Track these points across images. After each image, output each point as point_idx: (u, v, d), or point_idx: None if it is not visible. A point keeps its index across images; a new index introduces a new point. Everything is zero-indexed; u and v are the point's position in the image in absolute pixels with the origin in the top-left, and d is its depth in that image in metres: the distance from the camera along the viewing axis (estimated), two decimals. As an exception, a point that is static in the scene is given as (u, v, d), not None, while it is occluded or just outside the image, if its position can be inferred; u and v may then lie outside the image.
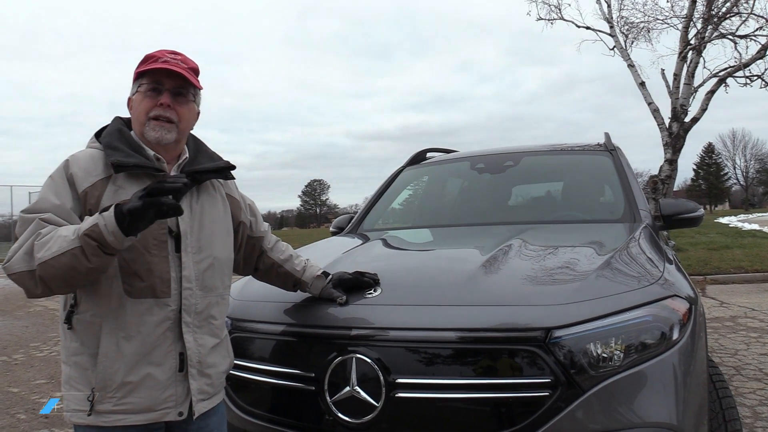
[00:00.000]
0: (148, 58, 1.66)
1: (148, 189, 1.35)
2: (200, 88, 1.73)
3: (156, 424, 1.57)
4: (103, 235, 1.36)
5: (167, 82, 1.65)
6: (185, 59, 1.69)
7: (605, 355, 1.68)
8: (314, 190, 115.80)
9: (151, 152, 1.64)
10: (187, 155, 1.74)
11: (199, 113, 1.76)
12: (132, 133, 1.69)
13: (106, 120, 1.75)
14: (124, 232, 1.36)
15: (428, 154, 4.39)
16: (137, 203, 1.34)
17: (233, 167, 1.83)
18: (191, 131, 1.78)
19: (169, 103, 1.64)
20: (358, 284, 2.03)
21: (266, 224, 2.02)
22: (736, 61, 12.63)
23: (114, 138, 1.63)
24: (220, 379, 1.75)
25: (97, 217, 1.38)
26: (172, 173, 1.68)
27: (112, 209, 1.37)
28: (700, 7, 12.79)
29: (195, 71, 1.71)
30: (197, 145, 1.81)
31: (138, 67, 1.67)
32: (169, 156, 1.69)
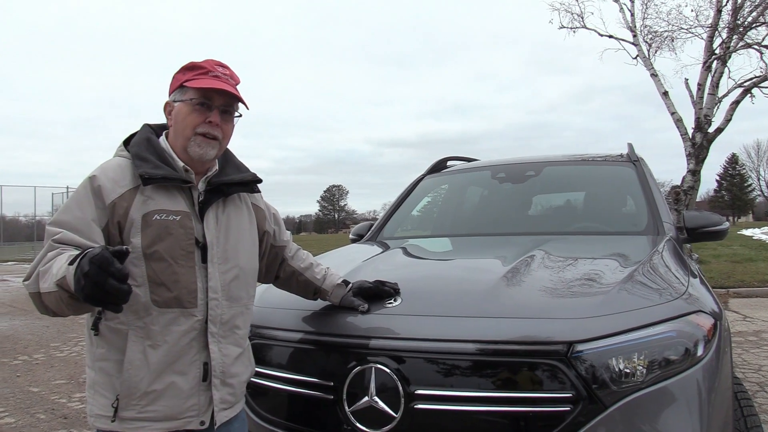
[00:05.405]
0: (195, 67, 1.65)
1: (91, 274, 1.15)
2: (248, 109, 1.73)
3: None
4: (72, 287, 1.25)
5: (217, 99, 1.64)
6: (233, 75, 1.69)
7: (628, 371, 1.65)
8: (333, 196, 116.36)
9: (180, 163, 1.64)
10: (216, 168, 1.73)
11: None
12: (161, 140, 1.69)
13: (129, 124, 1.77)
14: None
15: (449, 163, 4.38)
16: (81, 282, 1.18)
17: (260, 180, 1.83)
18: None
19: (218, 122, 1.64)
20: (378, 293, 2.02)
21: (288, 233, 2.03)
22: (761, 72, 12.49)
23: (142, 148, 1.62)
24: (242, 388, 1.75)
25: (67, 268, 1.27)
26: (200, 185, 1.68)
27: (76, 263, 1.23)
28: (726, 16, 12.66)
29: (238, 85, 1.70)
30: (226, 156, 1.81)
31: (184, 74, 1.65)
32: (200, 168, 1.68)
